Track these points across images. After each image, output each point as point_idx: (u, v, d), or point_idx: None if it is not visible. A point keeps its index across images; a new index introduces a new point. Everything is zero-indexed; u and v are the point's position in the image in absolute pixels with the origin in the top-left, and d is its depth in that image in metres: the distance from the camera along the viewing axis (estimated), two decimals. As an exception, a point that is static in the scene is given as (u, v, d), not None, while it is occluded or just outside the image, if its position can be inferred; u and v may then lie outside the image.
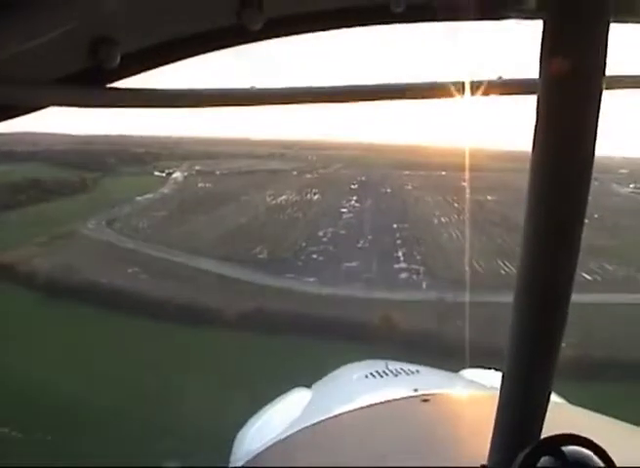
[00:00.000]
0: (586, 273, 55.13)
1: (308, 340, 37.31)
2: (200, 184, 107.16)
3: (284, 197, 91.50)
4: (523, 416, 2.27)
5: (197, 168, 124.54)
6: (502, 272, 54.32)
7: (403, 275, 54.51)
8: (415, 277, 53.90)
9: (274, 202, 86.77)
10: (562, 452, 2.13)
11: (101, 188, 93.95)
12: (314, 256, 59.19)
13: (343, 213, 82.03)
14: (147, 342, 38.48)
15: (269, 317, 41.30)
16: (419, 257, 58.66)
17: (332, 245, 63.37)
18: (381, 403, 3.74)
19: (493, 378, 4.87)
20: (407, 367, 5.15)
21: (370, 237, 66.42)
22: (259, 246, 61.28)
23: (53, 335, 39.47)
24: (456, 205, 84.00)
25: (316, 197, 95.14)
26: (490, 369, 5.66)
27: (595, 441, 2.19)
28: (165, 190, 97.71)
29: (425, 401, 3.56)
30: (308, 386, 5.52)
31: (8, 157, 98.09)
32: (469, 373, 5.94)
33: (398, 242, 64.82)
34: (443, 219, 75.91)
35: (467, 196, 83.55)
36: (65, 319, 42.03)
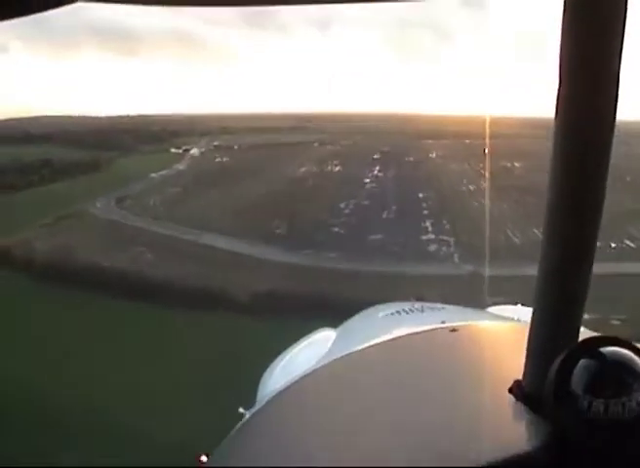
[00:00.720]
0: (629, 240, 49.97)
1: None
2: (217, 159, 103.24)
3: (304, 169, 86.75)
4: (559, 327, 2.04)
5: (215, 143, 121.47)
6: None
7: (432, 247, 49.03)
8: (445, 249, 48.44)
9: (293, 174, 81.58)
10: (602, 353, 1.89)
11: (116, 167, 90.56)
12: (336, 230, 53.74)
13: (366, 183, 76.82)
14: (139, 331, 33.68)
15: (284, 301, 35.85)
16: (448, 227, 53.06)
17: (354, 217, 57.79)
18: (408, 334, 3.35)
19: (520, 313, 4.68)
20: (433, 305, 4.84)
21: (394, 207, 60.99)
22: (275, 220, 55.97)
23: (36, 323, 34.59)
24: (482, 172, 79.53)
25: (337, 168, 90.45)
26: (517, 304, 5.18)
27: None
28: (180, 166, 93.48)
29: (454, 331, 3.12)
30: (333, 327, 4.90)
31: (23, 139, 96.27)
32: (497, 310, 5.43)
33: (425, 212, 59.31)
34: (471, 187, 70.98)
35: (492, 163, 76.71)
36: (54, 305, 37.04)
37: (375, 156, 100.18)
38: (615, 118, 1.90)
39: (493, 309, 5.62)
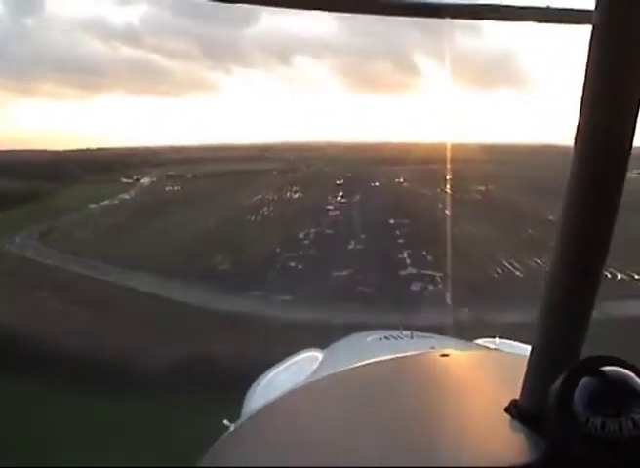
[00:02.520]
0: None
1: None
2: (168, 188, 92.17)
3: (259, 196, 75.70)
4: (561, 346, 1.99)
5: (169, 173, 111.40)
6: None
7: (415, 286, 37.87)
8: (431, 287, 37.14)
9: (247, 202, 70.44)
10: (603, 373, 1.85)
11: (56, 198, 79.45)
12: (291, 265, 42.49)
13: (329, 209, 65.86)
14: None
15: (212, 374, 23.31)
16: (430, 258, 41.92)
17: (315, 248, 46.52)
18: (398, 356, 3.13)
19: (504, 346, 4.69)
20: (421, 334, 4.59)
21: (363, 236, 49.89)
22: (219, 255, 44.46)
23: None
24: (455, 196, 69.67)
25: (297, 195, 79.62)
26: (507, 339, 5.02)
27: None
28: (125, 196, 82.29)
29: (445, 355, 2.98)
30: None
31: None
32: (481, 342, 5.08)
33: (400, 241, 48.30)
34: (447, 212, 60.90)
35: (467, 187, 71.97)
36: None
37: (338, 182, 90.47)
38: (631, 147, 1.81)
39: (481, 341, 5.04)
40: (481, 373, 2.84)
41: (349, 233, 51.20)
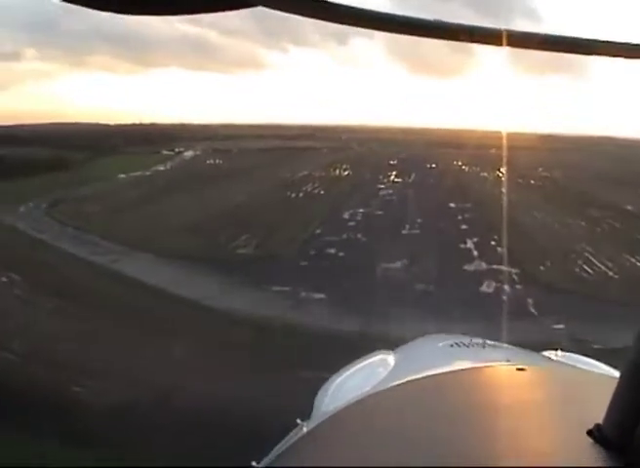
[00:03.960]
0: None
1: None
2: (209, 161, 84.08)
3: (304, 173, 66.97)
4: None
5: (215, 146, 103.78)
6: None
7: (485, 286, 27.46)
8: (507, 289, 26.95)
9: (290, 178, 61.73)
10: None
11: (89, 167, 73.41)
12: (330, 251, 32.71)
13: (381, 189, 56.62)
14: None
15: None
16: (500, 250, 32.36)
17: (360, 232, 36.94)
18: (475, 367, 3.13)
19: (574, 360, 4.34)
20: (492, 342, 4.22)
21: (419, 220, 40.38)
22: (245, 234, 35.44)
23: None
24: (520, 181, 60.38)
25: (346, 173, 70.71)
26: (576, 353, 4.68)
27: None
28: (161, 168, 74.24)
29: (521, 370, 2.73)
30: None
31: (9, 141, 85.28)
32: (557, 355, 4.63)
33: (463, 227, 38.76)
34: (513, 197, 51.65)
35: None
36: None
37: (392, 162, 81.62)
38: None
39: (547, 353, 4.62)
40: (560, 391, 2.56)
41: (402, 216, 41.92)
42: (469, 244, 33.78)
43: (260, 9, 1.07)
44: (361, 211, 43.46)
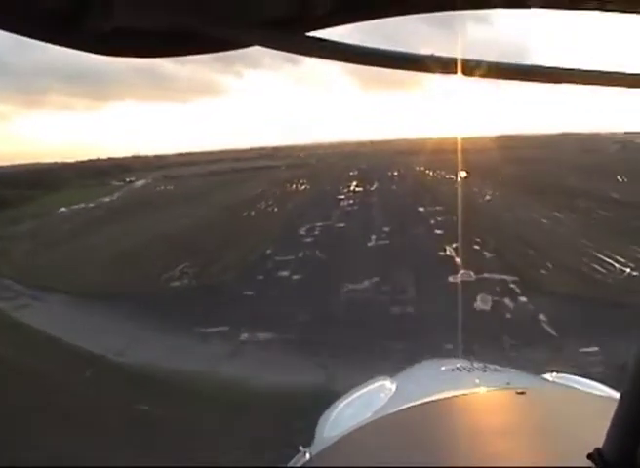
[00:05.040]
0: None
1: None
2: (159, 188, 77.71)
3: (258, 190, 61.04)
4: None
5: (167, 173, 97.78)
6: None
7: (480, 302, 20.15)
8: (508, 302, 20.18)
9: (242, 197, 55.62)
10: None
11: (29, 204, 64.36)
12: (282, 274, 25.81)
13: (341, 199, 50.55)
14: None
15: None
16: (488, 255, 26.22)
17: (319, 248, 30.36)
18: (474, 392, 3.09)
19: (576, 382, 4.14)
20: (494, 366, 4.18)
21: (386, 229, 34.10)
22: (183, 263, 28.85)
23: None
24: (487, 179, 55.12)
25: (303, 187, 64.94)
26: (575, 375, 4.48)
27: None
28: (106, 199, 67.45)
29: (521, 393, 2.74)
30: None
31: None
32: (556, 377, 4.51)
33: (437, 231, 32.53)
34: (485, 194, 46.81)
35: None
36: None
37: (352, 172, 76.47)
38: None
39: (549, 376, 4.51)
40: (560, 415, 2.55)
41: (367, 226, 35.68)
42: (449, 251, 27.51)
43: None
44: (319, 224, 37.10)
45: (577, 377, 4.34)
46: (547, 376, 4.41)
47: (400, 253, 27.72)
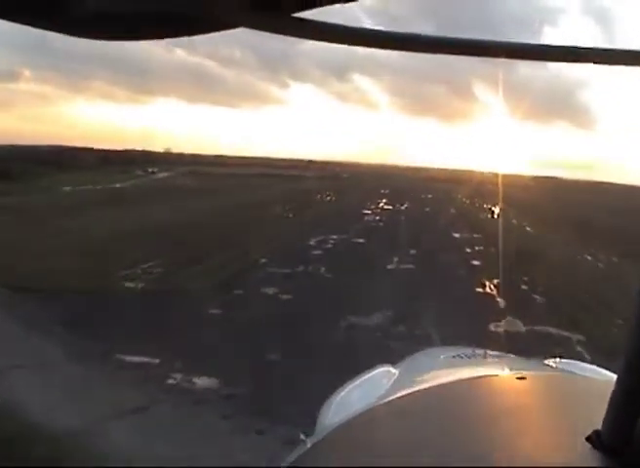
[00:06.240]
0: None
1: None
2: (178, 181, 72.38)
3: (278, 196, 55.31)
4: None
5: (194, 170, 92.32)
6: None
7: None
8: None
9: (261, 200, 49.78)
10: None
11: (37, 179, 59.80)
12: (267, 292, 18.60)
13: (366, 214, 44.37)
14: None
15: None
16: (540, 300, 19.52)
17: (326, 264, 23.36)
18: (475, 378, 2.67)
19: (578, 368, 3.71)
20: (495, 353, 4.04)
21: (412, 251, 27.37)
22: (153, 260, 22.31)
23: None
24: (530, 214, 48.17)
25: (328, 198, 59.15)
26: (577, 360, 4.26)
27: None
28: (118, 185, 62.13)
29: (521, 378, 2.48)
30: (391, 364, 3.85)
31: None
32: (561, 363, 4.01)
33: (474, 262, 25.85)
34: (526, 227, 40.38)
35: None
36: None
37: (383, 191, 70.67)
38: None
39: (548, 361, 4.06)
40: (560, 399, 2.35)
41: (389, 245, 29.12)
42: (489, 287, 20.79)
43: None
44: (334, 237, 30.59)
45: (578, 362, 4.05)
46: (549, 361, 3.99)
47: (424, 281, 21.13)
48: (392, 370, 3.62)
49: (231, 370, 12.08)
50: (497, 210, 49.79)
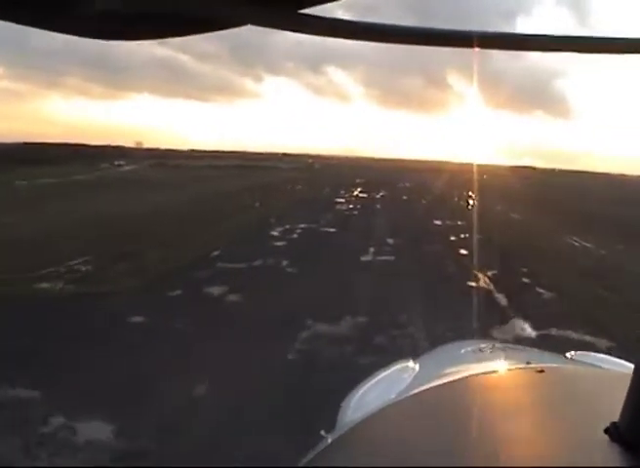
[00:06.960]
0: None
1: None
2: (142, 173, 68.64)
3: (245, 186, 51.78)
4: None
5: (162, 162, 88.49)
6: None
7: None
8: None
9: (227, 191, 46.40)
10: None
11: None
12: (213, 292, 14.77)
13: (338, 203, 40.86)
14: None
15: None
16: (548, 295, 16.08)
17: (289, 256, 19.61)
18: (494, 371, 2.65)
19: (601, 361, 3.42)
20: (515, 346, 4.14)
21: (390, 240, 23.88)
22: (84, 256, 18.56)
23: None
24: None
25: (299, 187, 55.65)
26: (598, 353, 3.82)
27: None
28: (80, 177, 58.28)
29: (541, 372, 2.46)
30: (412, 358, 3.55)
31: None
32: (582, 356, 3.74)
33: (462, 251, 22.38)
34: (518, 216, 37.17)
35: None
36: None
37: (358, 180, 67.86)
38: None
39: (570, 354, 3.79)
40: (579, 391, 2.31)
41: (363, 235, 25.56)
42: (484, 282, 17.23)
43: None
44: (302, 226, 26.95)
45: (598, 355, 3.77)
46: (568, 354, 3.74)
47: (405, 273, 17.57)
48: (412, 364, 3.42)
49: (132, 414, 8.31)
50: (471, 200, 46.92)
